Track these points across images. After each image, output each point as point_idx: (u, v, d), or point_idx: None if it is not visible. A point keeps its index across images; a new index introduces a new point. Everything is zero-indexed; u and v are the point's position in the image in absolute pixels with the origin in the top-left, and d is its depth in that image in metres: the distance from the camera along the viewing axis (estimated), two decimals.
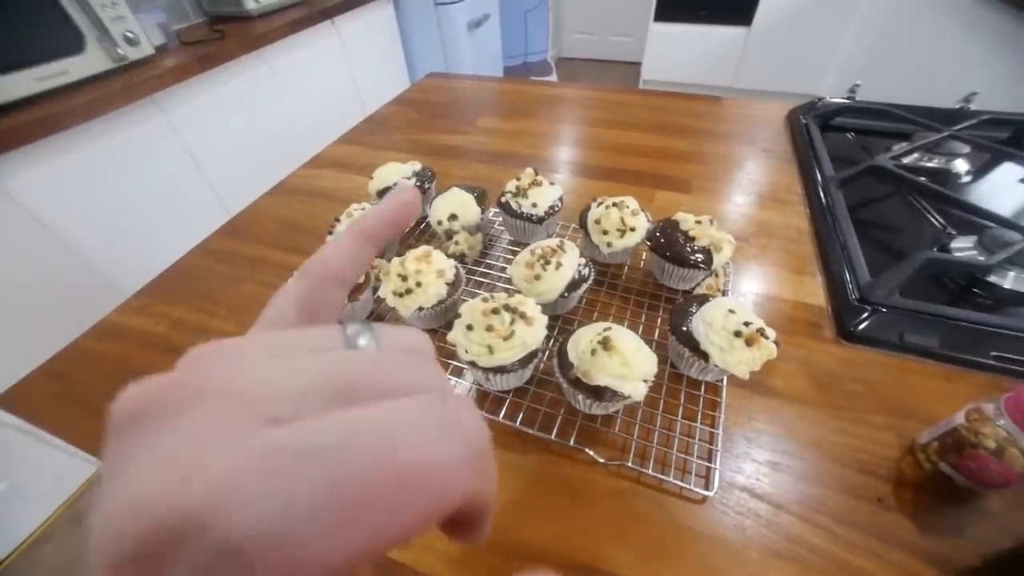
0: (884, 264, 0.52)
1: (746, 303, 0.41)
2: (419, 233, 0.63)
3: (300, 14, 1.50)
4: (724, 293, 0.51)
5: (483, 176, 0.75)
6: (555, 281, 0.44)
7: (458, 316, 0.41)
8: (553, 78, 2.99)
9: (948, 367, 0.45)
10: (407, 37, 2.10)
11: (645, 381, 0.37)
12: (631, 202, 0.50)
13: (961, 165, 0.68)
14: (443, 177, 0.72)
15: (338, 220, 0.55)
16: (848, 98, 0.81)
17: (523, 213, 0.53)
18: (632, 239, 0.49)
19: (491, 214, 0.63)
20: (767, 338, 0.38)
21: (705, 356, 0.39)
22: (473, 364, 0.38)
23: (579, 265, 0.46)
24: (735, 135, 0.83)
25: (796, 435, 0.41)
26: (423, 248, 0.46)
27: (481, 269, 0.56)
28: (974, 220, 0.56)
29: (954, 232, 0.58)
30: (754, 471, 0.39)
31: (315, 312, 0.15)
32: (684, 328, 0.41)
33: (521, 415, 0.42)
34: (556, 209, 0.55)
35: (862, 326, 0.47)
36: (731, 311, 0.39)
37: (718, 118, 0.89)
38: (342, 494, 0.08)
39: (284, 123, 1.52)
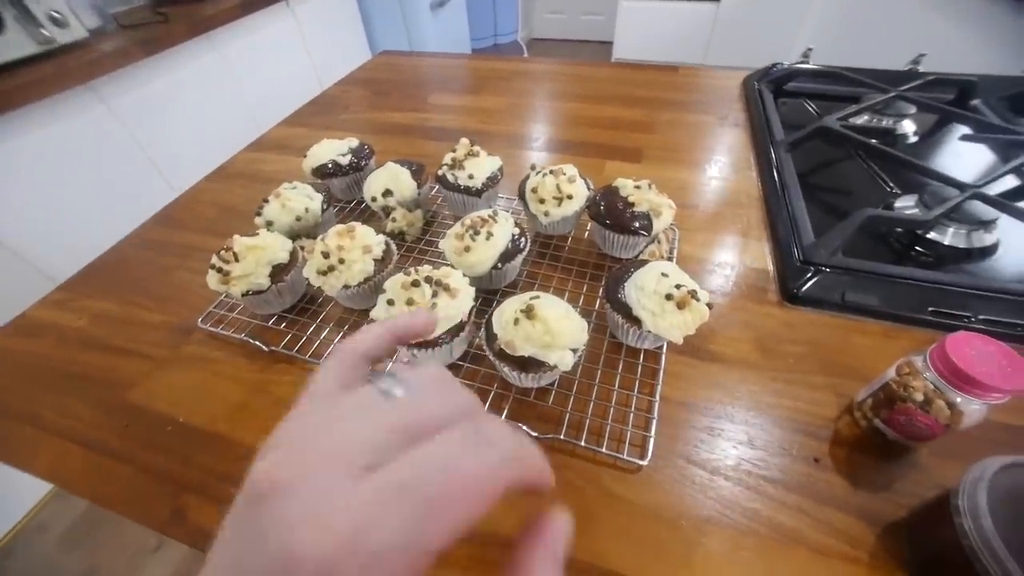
0: (831, 226, 0.51)
1: (678, 267, 0.40)
2: (358, 213, 0.60)
3: None
4: (670, 260, 0.50)
5: (430, 153, 0.72)
6: (486, 252, 0.42)
7: (383, 292, 0.39)
8: None
9: (888, 324, 0.44)
10: (368, 18, 2.03)
11: (574, 350, 0.35)
12: (569, 169, 0.49)
13: (908, 125, 0.67)
14: (387, 155, 0.69)
15: (266, 201, 0.52)
16: (801, 62, 0.80)
17: (460, 185, 0.51)
18: (570, 207, 0.47)
19: (433, 190, 0.61)
20: (698, 300, 0.36)
21: (639, 322, 0.37)
22: None
23: (513, 235, 0.44)
24: (691, 104, 0.81)
25: (736, 399, 0.40)
26: (348, 224, 0.43)
27: (421, 246, 0.54)
28: (918, 179, 0.56)
29: (899, 192, 0.57)
30: (691, 438, 0.38)
31: (348, 382, 0.18)
32: (619, 295, 0.40)
33: None
34: (496, 180, 0.53)
35: (805, 287, 0.46)
36: (664, 275, 0.38)
37: (675, 87, 0.87)
38: (432, 505, 0.13)
39: (241, 109, 1.46)
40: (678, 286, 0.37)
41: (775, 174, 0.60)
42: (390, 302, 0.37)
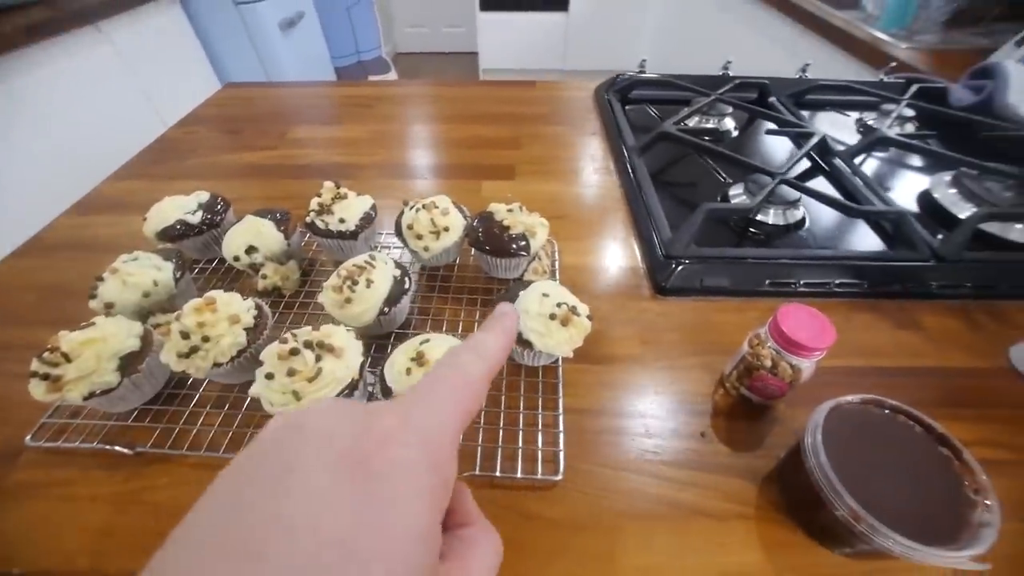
0: (685, 219, 0.57)
1: (559, 284, 0.42)
2: (223, 272, 0.54)
3: (41, 17, 1.14)
4: (553, 274, 0.53)
5: (296, 194, 0.67)
6: (369, 301, 0.40)
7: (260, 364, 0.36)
8: (392, 75, 2.88)
9: (739, 300, 0.52)
10: (209, 43, 1.83)
11: None
12: (441, 201, 0.49)
13: (729, 123, 0.79)
14: (247, 201, 0.63)
15: (101, 279, 0.45)
16: (639, 72, 0.89)
17: (332, 231, 0.49)
18: (449, 239, 0.48)
19: (306, 237, 0.57)
20: (579, 315, 0.39)
21: (529, 344, 0.39)
22: None
23: (395, 277, 0.43)
24: (551, 116, 0.87)
25: (629, 394, 0.43)
26: (206, 296, 0.39)
27: (301, 299, 0.50)
28: (742, 170, 0.65)
29: (731, 181, 0.67)
30: (597, 441, 0.40)
31: None
32: None
33: None
34: (371, 219, 0.51)
35: (670, 279, 0.52)
36: (545, 295, 0.40)
37: (535, 102, 0.92)
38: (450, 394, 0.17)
39: (57, 160, 1.22)
40: (559, 304, 0.39)
41: (632, 177, 0.66)
42: (269, 376, 0.34)
